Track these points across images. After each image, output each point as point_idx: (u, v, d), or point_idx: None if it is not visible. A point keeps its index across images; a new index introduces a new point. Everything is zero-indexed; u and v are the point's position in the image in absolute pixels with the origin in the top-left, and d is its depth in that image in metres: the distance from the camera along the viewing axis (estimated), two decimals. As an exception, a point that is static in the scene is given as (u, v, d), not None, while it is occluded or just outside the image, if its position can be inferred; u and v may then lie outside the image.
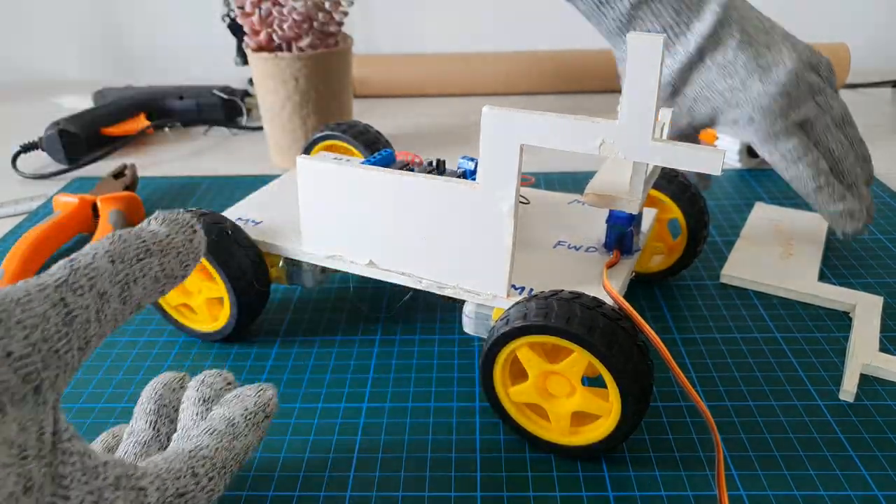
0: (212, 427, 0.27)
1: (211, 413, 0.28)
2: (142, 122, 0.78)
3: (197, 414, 0.29)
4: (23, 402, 0.19)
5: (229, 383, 0.31)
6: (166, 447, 0.29)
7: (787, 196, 0.59)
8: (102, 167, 0.70)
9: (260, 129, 0.79)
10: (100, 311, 0.21)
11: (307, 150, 0.53)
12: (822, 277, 0.47)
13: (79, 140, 0.71)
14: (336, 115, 0.66)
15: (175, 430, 0.29)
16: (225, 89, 0.82)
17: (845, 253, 0.50)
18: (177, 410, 0.30)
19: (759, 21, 0.47)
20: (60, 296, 0.20)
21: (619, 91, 0.27)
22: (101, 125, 0.75)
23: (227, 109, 0.82)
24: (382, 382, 0.39)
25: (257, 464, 0.33)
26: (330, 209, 0.37)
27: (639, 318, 0.31)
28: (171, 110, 0.82)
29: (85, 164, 0.70)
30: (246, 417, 0.28)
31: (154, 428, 0.29)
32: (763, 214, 0.55)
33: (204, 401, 0.29)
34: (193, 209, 0.40)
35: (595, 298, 0.30)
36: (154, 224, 0.24)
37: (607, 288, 0.34)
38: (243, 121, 0.83)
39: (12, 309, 0.19)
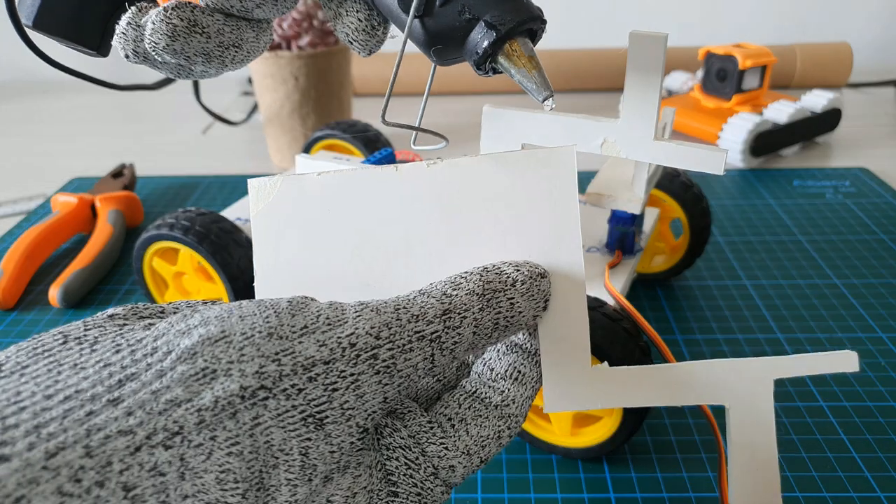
0: (516, 368, 0.23)
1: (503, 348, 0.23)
2: None
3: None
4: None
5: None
6: None
7: (789, 196, 0.59)
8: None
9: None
10: (440, 373, 0.21)
11: (307, 149, 0.52)
12: (825, 276, 0.47)
13: None
14: (336, 113, 0.66)
15: None
16: None
17: (848, 253, 0.50)
18: None
19: None
20: (430, 352, 0.19)
21: (620, 90, 0.27)
22: None
23: None
24: (382, 383, 0.38)
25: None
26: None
27: (641, 318, 0.31)
28: None
29: None
30: (531, 353, 0.23)
31: None
32: None
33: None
34: (192, 208, 0.39)
35: (597, 299, 0.30)
36: (518, 289, 0.21)
37: (609, 288, 0.34)
38: None
39: (396, 355, 0.19)
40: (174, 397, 0.16)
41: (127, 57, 0.24)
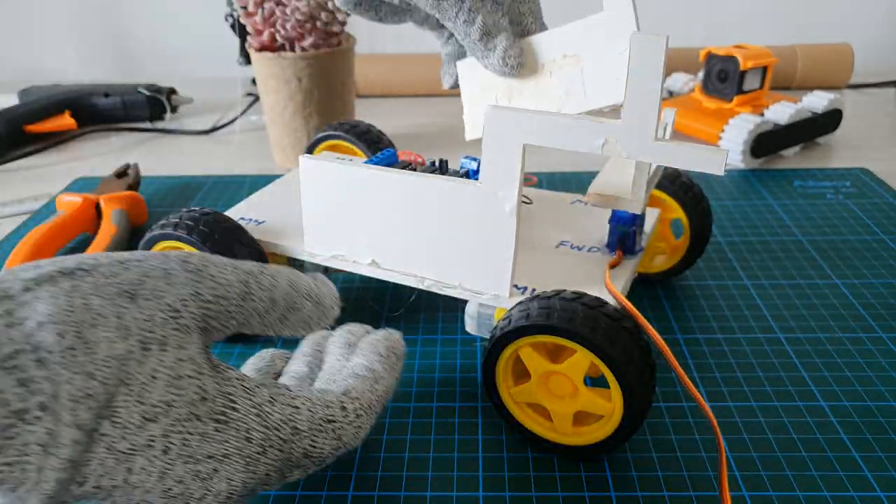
0: (355, 373, 0.30)
1: (351, 361, 0.31)
2: (67, 119, 0.78)
3: (342, 356, 0.32)
4: (200, 334, 0.24)
5: (368, 332, 0.34)
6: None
7: (789, 196, 0.59)
8: (30, 163, 0.72)
9: (174, 131, 0.80)
10: (264, 314, 0.27)
11: (310, 150, 0.53)
12: (825, 276, 0.47)
13: (0, 138, 0.72)
14: (339, 114, 0.66)
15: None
16: (150, 87, 0.83)
17: (848, 253, 0.50)
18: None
19: None
20: (245, 279, 0.26)
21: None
22: (25, 123, 0.76)
23: (151, 106, 0.82)
24: (385, 382, 0.38)
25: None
26: (333, 209, 0.37)
27: (641, 318, 0.31)
28: (96, 108, 0.82)
29: (7, 161, 0.72)
30: (382, 363, 0.31)
31: (309, 367, 0.32)
32: None
33: (348, 345, 0.33)
34: (196, 208, 0.40)
35: (597, 298, 0.30)
36: (318, 283, 0.30)
37: (610, 288, 0.34)
38: (167, 117, 0.84)
39: (208, 265, 0.25)
40: (2, 278, 0.21)
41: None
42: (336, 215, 0.37)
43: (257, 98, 0.87)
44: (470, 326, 0.36)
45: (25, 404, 0.19)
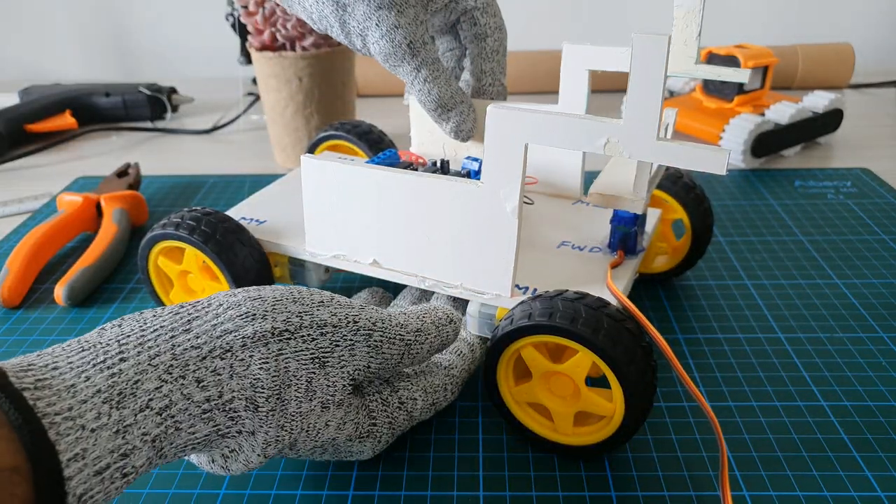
0: (458, 349, 0.35)
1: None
2: (67, 119, 0.78)
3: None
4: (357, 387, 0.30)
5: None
6: None
7: (790, 196, 0.59)
8: (30, 162, 0.72)
9: (174, 131, 0.80)
10: (400, 369, 0.31)
11: (311, 150, 0.53)
12: (826, 276, 0.47)
13: (1, 137, 0.72)
14: (340, 114, 0.66)
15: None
16: (151, 86, 0.83)
17: (849, 253, 0.50)
18: None
19: None
20: (404, 351, 0.30)
21: (623, 90, 0.27)
22: (26, 122, 0.76)
23: (152, 106, 0.83)
24: (386, 382, 0.38)
25: (261, 462, 0.33)
26: (334, 209, 0.37)
27: (643, 318, 0.31)
28: (96, 107, 0.82)
29: (7, 160, 0.72)
30: (470, 343, 0.36)
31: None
32: None
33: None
34: (197, 208, 0.40)
35: (599, 299, 0.30)
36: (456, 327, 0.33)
37: (611, 288, 0.34)
38: (168, 117, 0.84)
39: (384, 342, 0.29)
40: (226, 329, 0.25)
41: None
42: (337, 215, 0.37)
43: (258, 98, 0.87)
44: (471, 326, 0.36)
45: (230, 430, 0.25)
